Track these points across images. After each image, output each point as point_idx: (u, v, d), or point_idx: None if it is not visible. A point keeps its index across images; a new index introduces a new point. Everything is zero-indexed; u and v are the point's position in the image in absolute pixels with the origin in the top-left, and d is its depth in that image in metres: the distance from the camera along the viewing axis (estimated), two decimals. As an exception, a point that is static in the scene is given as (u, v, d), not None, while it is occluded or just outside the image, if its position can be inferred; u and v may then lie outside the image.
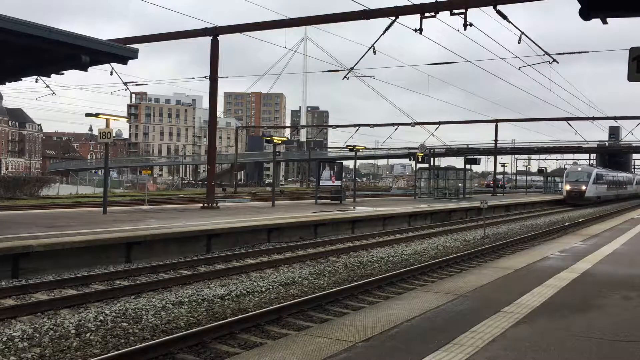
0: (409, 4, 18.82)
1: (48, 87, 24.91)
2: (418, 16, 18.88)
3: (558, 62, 22.78)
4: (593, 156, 78.50)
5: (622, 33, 35.66)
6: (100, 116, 17.34)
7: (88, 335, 7.05)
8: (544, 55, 21.72)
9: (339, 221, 19.27)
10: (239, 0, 29.75)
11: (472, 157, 45.94)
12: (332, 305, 9.05)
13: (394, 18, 19.52)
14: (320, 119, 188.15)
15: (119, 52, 11.77)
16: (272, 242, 15.97)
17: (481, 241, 18.65)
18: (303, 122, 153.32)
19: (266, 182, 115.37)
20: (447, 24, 18.58)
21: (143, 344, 6.59)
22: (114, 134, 22.74)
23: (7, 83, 14.71)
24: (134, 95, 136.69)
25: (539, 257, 10.74)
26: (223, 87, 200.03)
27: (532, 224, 26.37)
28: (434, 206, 27.51)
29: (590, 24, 7.20)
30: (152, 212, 19.54)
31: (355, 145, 31.51)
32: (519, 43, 18.44)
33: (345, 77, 24.55)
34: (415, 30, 18.96)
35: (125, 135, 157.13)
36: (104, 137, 17.65)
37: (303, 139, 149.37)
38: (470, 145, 76.17)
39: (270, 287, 10.18)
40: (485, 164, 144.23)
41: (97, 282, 10.24)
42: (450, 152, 72.70)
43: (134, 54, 11.86)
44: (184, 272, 11.52)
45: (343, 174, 32.59)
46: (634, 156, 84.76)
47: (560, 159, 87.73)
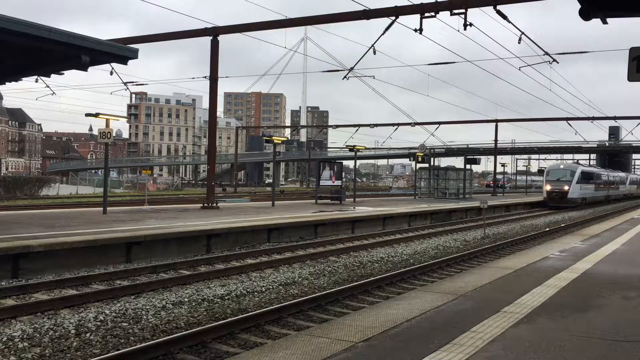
0: (409, 4, 18.83)
1: (48, 87, 24.90)
2: (418, 16, 18.89)
3: (558, 62, 22.84)
4: (593, 156, 78.66)
5: (622, 33, 35.71)
6: (100, 116, 17.34)
7: (88, 335, 7.05)
8: (544, 55, 21.74)
9: (339, 221, 19.27)
10: (238, 0, 29.81)
11: (472, 157, 45.75)
12: (332, 305, 9.05)
13: (393, 18, 19.52)
14: (320, 119, 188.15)
15: (119, 52, 11.76)
16: (272, 242, 15.97)
17: (481, 241, 18.65)
18: (303, 122, 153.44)
19: (266, 182, 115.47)
20: (447, 24, 18.62)
21: (143, 344, 6.59)
22: (114, 134, 22.77)
23: (7, 83, 14.69)
24: (134, 95, 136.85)
25: (539, 257, 10.74)
26: (223, 87, 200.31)
27: (532, 224, 26.39)
28: (434, 206, 27.52)
29: (590, 24, 7.20)
30: (152, 212, 19.54)
31: (355, 145, 31.49)
32: (519, 43, 18.46)
33: (345, 77, 24.57)
34: (415, 30, 18.96)
35: (125, 135, 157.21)
36: (104, 137, 17.66)
37: (303, 139, 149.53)
38: (470, 145, 76.35)
39: (270, 287, 10.18)
40: (485, 164, 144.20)
41: (97, 282, 10.24)
42: (450, 152, 72.78)
43: (134, 54, 11.85)
44: (184, 272, 11.52)
45: (343, 174, 32.58)
46: (634, 156, 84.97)
47: (561, 159, 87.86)
